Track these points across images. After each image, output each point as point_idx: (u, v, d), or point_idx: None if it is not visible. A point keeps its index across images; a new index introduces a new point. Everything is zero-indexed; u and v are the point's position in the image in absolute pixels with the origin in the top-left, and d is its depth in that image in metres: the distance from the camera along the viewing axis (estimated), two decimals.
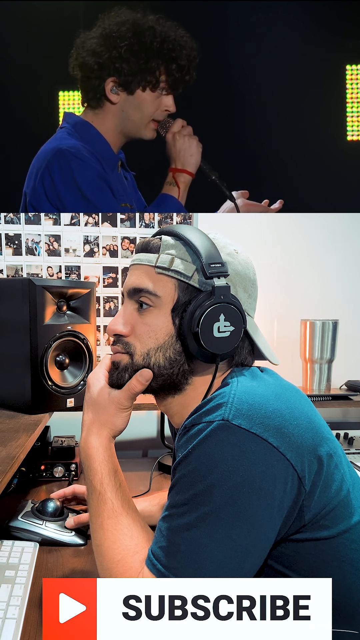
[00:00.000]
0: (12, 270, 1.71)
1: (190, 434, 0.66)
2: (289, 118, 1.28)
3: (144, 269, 0.77)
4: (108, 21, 1.04)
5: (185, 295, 0.75)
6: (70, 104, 1.22)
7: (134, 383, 0.76)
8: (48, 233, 1.71)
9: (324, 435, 0.70)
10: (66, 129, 1.07)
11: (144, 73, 1.04)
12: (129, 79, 1.04)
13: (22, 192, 1.08)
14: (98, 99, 1.06)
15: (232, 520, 0.61)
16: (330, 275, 1.89)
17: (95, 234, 1.74)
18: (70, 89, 1.22)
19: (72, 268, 1.74)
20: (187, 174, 1.10)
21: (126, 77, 1.03)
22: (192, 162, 1.10)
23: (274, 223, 1.83)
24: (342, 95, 1.28)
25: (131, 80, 1.04)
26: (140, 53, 1.02)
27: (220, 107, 1.26)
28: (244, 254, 0.80)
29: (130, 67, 1.03)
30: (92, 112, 1.08)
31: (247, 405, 0.65)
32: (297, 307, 1.84)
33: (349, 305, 1.90)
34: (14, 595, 0.83)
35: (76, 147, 1.04)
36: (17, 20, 1.21)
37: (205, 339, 0.71)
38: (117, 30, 1.02)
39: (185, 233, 0.76)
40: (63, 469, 1.41)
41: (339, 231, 1.88)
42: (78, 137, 1.06)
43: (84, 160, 1.03)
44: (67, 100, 1.22)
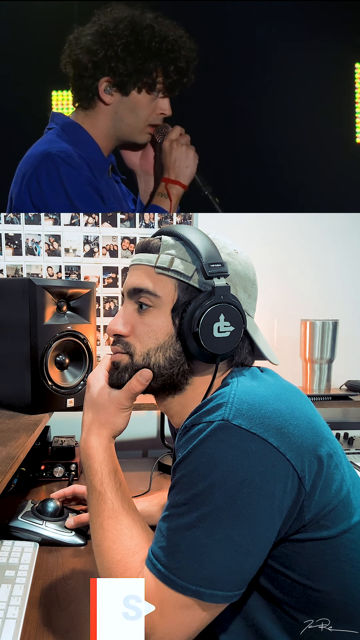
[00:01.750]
0: (12, 270, 1.71)
1: (190, 434, 0.66)
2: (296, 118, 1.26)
3: (144, 269, 0.77)
4: (104, 17, 0.99)
5: (185, 296, 0.75)
6: (63, 104, 1.19)
7: (134, 383, 0.76)
8: (48, 233, 1.71)
9: (324, 435, 0.70)
10: (55, 130, 1.02)
11: (141, 74, 0.99)
12: (124, 80, 0.99)
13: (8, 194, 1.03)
14: (90, 99, 1.01)
15: (232, 520, 0.61)
16: (330, 275, 1.89)
17: (95, 234, 1.74)
18: (64, 89, 1.18)
19: (72, 268, 1.74)
20: (180, 186, 1.05)
21: (121, 78, 0.99)
22: (187, 173, 1.04)
23: (274, 223, 1.83)
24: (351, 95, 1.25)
25: (127, 80, 0.99)
26: (138, 53, 0.98)
27: (225, 107, 1.25)
28: (243, 254, 0.80)
29: (126, 67, 0.98)
30: (84, 113, 1.03)
31: (247, 405, 0.65)
32: (297, 307, 1.84)
33: (349, 305, 1.90)
34: (14, 595, 0.83)
35: (66, 151, 0.98)
36: (9, 16, 1.19)
37: (205, 339, 0.71)
38: (113, 28, 0.97)
39: (185, 233, 0.76)
40: (63, 469, 1.41)
41: (339, 231, 1.88)
42: (67, 139, 1.01)
43: (74, 165, 0.98)
44: (60, 100, 1.20)
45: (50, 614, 0.82)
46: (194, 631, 0.63)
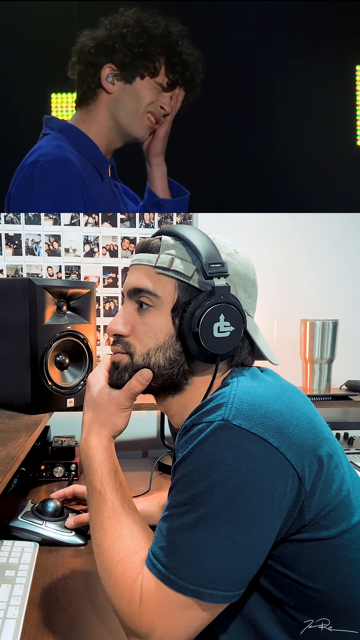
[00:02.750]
0: (12, 270, 1.71)
1: (190, 434, 0.66)
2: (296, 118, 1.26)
3: (144, 269, 0.77)
4: (113, 19, 1.01)
5: (185, 296, 0.75)
6: (63, 106, 1.20)
7: (134, 383, 0.76)
8: (48, 233, 1.71)
9: (324, 435, 0.70)
10: (52, 135, 1.02)
11: (143, 58, 0.99)
12: (127, 62, 0.99)
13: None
14: (93, 90, 1.02)
15: (233, 520, 0.61)
16: (330, 275, 1.89)
17: (95, 234, 1.74)
18: (63, 91, 1.19)
19: (72, 268, 1.74)
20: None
21: (124, 60, 0.99)
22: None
23: (274, 223, 1.83)
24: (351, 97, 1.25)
25: (129, 63, 0.99)
26: (142, 35, 0.98)
27: (225, 108, 1.25)
28: (244, 254, 0.80)
29: (130, 50, 0.98)
30: (84, 111, 1.04)
31: (248, 405, 0.65)
32: (297, 307, 1.84)
33: (349, 305, 1.90)
34: (14, 595, 0.83)
35: (61, 158, 0.98)
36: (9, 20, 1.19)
37: (205, 339, 0.71)
38: (122, 20, 0.99)
39: (185, 233, 0.76)
40: (63, 469, 1.41)
41: (339, 231, 1.88)
42: (65, 142, 1.01)
43: (68, 174, 0.97)
44: (59, 102, 1.20)
45: (50, 614, 0.82)
46: (194, 631, 0.63)
